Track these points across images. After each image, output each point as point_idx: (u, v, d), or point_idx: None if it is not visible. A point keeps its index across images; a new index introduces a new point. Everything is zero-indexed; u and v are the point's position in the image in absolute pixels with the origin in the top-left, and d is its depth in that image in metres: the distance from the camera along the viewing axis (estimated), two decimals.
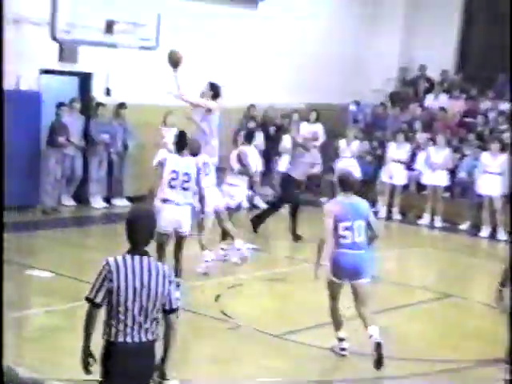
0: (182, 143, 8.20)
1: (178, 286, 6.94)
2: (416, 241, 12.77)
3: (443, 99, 16.21)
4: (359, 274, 6.90)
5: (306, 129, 15.16)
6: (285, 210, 12.27)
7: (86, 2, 10.42)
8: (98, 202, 12.93)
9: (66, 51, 12.17)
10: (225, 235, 9.94)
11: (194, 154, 8.50)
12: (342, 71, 16.23)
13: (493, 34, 16.41)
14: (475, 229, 13.14)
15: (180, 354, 6.87)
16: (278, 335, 7.40)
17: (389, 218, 13.96)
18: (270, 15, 15.05)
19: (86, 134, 12.69)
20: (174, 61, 9.17)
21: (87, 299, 4.26)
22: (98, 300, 4.23)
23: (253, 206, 13.88)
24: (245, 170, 10.41)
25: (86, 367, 4.35)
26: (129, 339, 4.22)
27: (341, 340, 7.07)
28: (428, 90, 16.72)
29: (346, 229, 6.78)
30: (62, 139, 12.00)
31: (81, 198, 12.86)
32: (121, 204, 13.01)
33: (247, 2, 14.76)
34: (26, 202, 11.85)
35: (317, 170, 12.40)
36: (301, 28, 15.53)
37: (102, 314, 4.30)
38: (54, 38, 10.56)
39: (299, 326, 7.70)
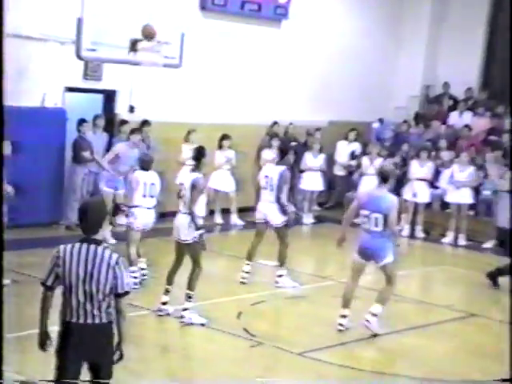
0: (200, 158, 8.22)
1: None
2: (439, 259, 12.65)
3: (467, 117, 16.11)
4: (377, 257, 7.78)
5: (345, 148, 15.19)
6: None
7: (111, 21, 10.52)
8: (121, 219, 12.98)
9: (91, 69, 12.31)
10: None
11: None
12: (366, 89, 16.21)
13: None
14: (499, 248, 12.98)
15: (202, 370, 6.87)
16: (299, 353, 7.35)
17: (412, 236, 13.85)
18: (293, 33, 15.11)
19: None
20: (146, 33, 9.73)
21: (41, 283, 4.74)
22: (49, 283, 4.71)
23: None
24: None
25: (43, 346, 4.81)
26: (75, 320, 4.65)
27: (343, 316, 7.89)
28: (452, 108, 16.64)
29: (365, 216, 7.77)
30: (87, 154, 12.11)
31: None
32: None
33: (271, 20, 14.83)
34: (51, 219, 11.94)
35: None
36: (324, 45, 15.56)
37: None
38: (79, 56, 10.66)
39: (321, 345, 7.64)
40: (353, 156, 15.16)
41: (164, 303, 8.16)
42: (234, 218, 13.59)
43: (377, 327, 7.92)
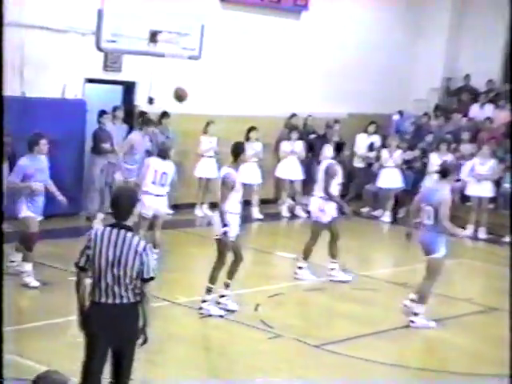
0: (238, 153, 8.07)
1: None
2: (460, 252, 12.53)
3: (489, 109, 15.97)
4: (426, 251, 7.96)
5: (364, 140, 15.14)
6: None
7: (131, 13, 10.54)
8: (138, 210, 13.02)
9: (111, 60, 12.34)
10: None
11: None
12: (385, 81, 16.11)
13: None
14: None
15: (219, 361, 6.89)
16: (317, 345, 7.35)
17: None
18: (312, 25, 15.04)
19: None
20: (178, 96, 9.95)
21: (75, 264, 4.97)
22: (81, 264, 4.93)
23: (293, 216, 13.86)
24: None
25: (84, 325, 4.95)
26: (103, 300, 4.84)
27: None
28: (473, 100, 16.51)
29: (422, 210, 7.97)
30: (107, 146, 12.16)
31: None
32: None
33: (290, 12, 14.78)
34: (71, 210, 11.97)
35: None
36: (343, 37, 15.48)
37: None
38: (99, 48, 10.69)
39: (339, 337, 7.63)
40: (371, 148, 15.10)
41: (221, 296, 8.10)
42: (256, 212, 13.53)
43: (424, 323, 7.93)
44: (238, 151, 8.01)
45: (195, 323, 7.85)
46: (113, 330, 4.83)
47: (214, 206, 13.29)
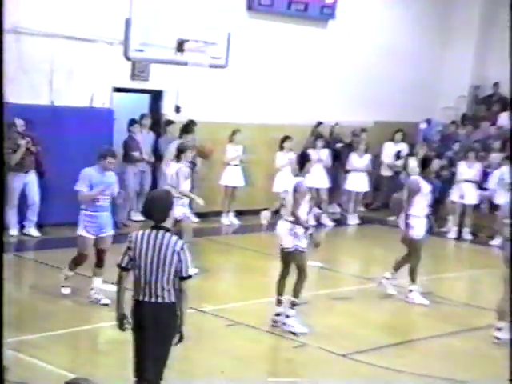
0: (304, 163, 8.04)
1: None
2: (487, 262, 12.41)
3: None
4: None
5: (391, 149, 15.07)
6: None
7: (158, 22, 10.62)
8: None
9: (138, 69, 12.44)
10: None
11: None
12: (413, 89, 16.03)
13: None
14: None
15: (245, 370, 6.87)
16: (343, 355, 7.31)
17: (459, 238, 13.65)
18: (339, 33, 15.02)
19: (156, 151, 12.89)
20: (202, 153, 9.98)
21: (117, 264, 5.22)
22: (124, 264, 5.17)
23: (319, 224, 13.82)
24: None
25: (121, 326, 5.21)
26: (142, 298, 5.08)
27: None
28: (502, 109, 16.35)
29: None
30: (136, 154, 12.24)
31: None
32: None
33: (317, 21, 14.78)
34: None
35: None
36: (370, 45, 15.44)
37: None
38: (127, 57, 10.78)
39: (366, 347, 7.58)
40: (398, 156, 15.02)
41: (277, 314, 7.97)
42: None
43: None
44: (303, 160, 8.10)
45: (221, 331, 7.85)
46: (152, 327, 5.03)
47: (240, 213, 13.38)
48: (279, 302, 8.00)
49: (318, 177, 13.91)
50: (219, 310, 8.27)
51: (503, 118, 16.06)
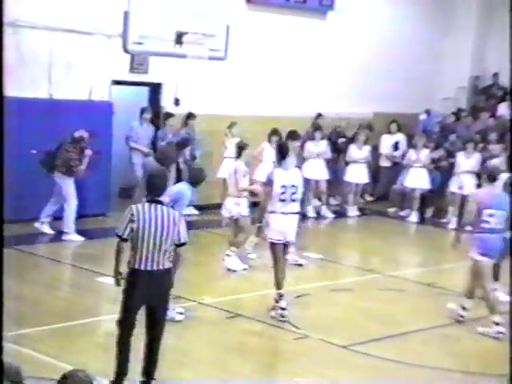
0: (283, 154, 8.02)
1: None
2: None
3: None
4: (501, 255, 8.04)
5: (388, 140, 15.06)
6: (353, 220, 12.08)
7: (157, 14, 10.59)
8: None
9: (137, 62, 12.42)
10: None
11: None
12: (412, 80, 16.00)
13: None
14: None
15: (246, 362, 6.89)
16: (344, 346, 7.32)
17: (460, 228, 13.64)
18: (338, 25, 14.99)
19: (155, 143, 12.88)
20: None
21: (117, 235, 5.68)
22: (125, 235, 5.65)
23: (319, 216, 13.82)
24: None
25: (117, 281, 5.80)
26: (143, 267, 5.59)
27: (496, 324, 7.73)
28: (501, 99, 16.32)
29: (490, 216, 7.85)
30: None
31: None
32: (189, 213, 13.12)
33: (316, 12, 14.75)
34: (97, 211, 12.08)
35: None
36: (369, 36, 15.41)
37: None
38: (126, 50, 10.75)
39: (366, 338, 7.60)
40: (396, 147, 15.02)
41: (283, 309, 7.90)
42: None
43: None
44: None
45: (221, 323, 7.86)
46: (149, 293, 5.61)
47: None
48: (281, 296, 7.98)
49: (317, 168, 13.92)
50: (218, 302, 8.28)
51: (503, 108, 16.05)
